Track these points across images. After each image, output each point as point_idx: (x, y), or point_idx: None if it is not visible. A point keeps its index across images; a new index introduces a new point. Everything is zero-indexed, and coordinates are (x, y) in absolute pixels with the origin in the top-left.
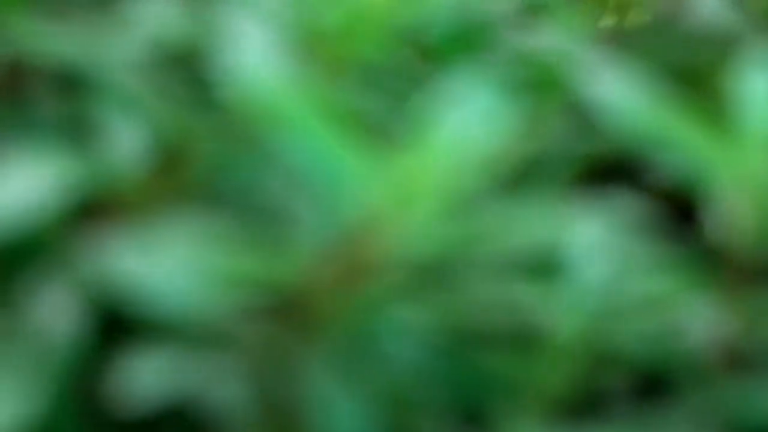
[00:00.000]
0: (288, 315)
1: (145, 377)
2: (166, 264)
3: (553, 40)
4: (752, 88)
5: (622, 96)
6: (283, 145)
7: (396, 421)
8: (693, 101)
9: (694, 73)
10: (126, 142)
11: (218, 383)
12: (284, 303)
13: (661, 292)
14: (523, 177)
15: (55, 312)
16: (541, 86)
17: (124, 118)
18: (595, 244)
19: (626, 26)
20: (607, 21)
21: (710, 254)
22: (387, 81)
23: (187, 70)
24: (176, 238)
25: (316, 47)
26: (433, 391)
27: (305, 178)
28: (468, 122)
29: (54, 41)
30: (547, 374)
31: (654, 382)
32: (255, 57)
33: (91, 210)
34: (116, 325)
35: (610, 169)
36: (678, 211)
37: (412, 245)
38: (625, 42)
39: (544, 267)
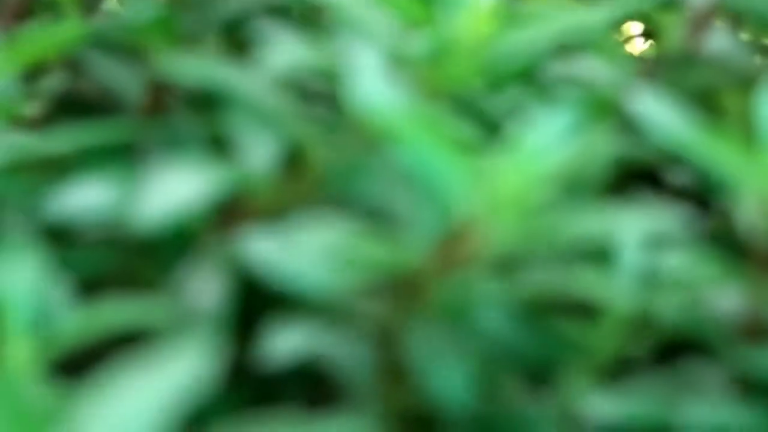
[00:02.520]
0: (402, 293)
1: (284, 342)
2: (303, 251)
3: (600, 68)
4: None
5: (663, 115)
6: (399, 157)
7: (485, 378)
8: (716, 119)
9: (712, 96)
10: (260, 153)
11: (343, 347)
12: (400, 283)
13: (696, 274)
14: (584, 181)
15: (206, 290)
16: (597, 107)
17: (259, 133)
18: (639, 235)
19: (657, 56)
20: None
21: (736, 246)
22: (478, 103)
23: (314, 94)
24: (309, 230)
25: (418, 73)
26: (515, 353)
27: (417, 185)
28: (545, 139)
29: (196, 67)
30: (604, 338)
31: (688, 347)
32: (372, 83)
33: (231, 210)
34: (257, 301)
35: (647, 173)
36: (703, 210)
37: (500, 239)
38: (657, 70)
39: (600, 254)
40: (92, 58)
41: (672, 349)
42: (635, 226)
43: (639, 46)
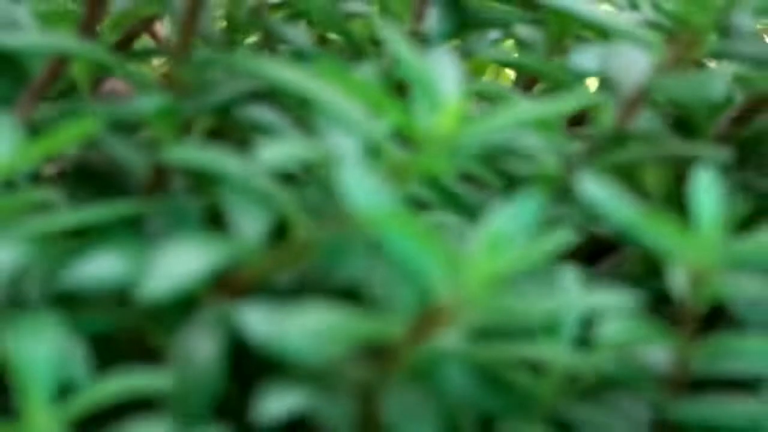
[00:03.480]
0: (381, 359)
1: (279, 401)
2: (297, 326)
3: (546, 145)
4: (703, 194)
5: (607, 197)
6: (383, 243)
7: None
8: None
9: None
10: (254, 230)
11: (329, 405)
12: (379, 351)
13: (634, 335)
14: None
15: (202, 349)
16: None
17: (253, 211)
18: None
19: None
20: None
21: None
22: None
23: (305, 184)
24: (301, 306)
25: (397, 165)
26: (475, 404)
27: (397, 268)
28: (512, 227)
29: (196, 153)
30: (548, 388)
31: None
32: (356, 177)
33: (227, 277)
34: (250, 363)
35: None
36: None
37: (468, 317)
38: (593, 148)
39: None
40: (105, 136)
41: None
42: (581, 302)
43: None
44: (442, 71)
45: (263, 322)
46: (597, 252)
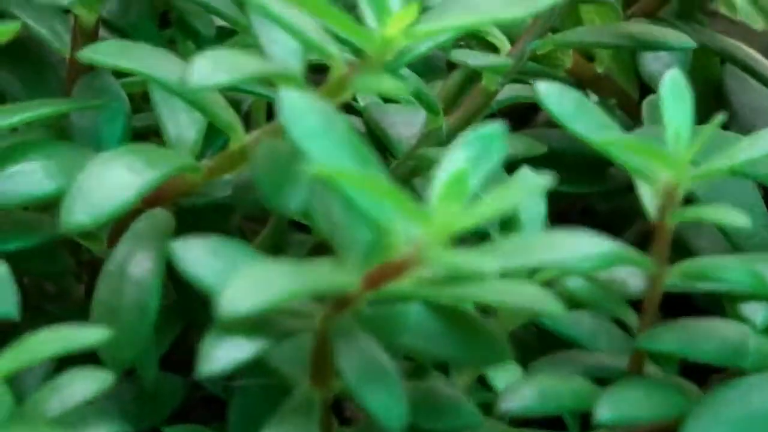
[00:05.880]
0: (342, 301)
1: (225, 352)
2: (242, 282)
3: None
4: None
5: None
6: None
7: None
8: None
9: None
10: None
11: (278, 351)
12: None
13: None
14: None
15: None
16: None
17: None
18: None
19: None
20: None
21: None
22: None
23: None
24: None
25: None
26: (434, 344)
27: (350, 212)
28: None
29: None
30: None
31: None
32: (300, 106)
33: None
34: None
35: None
36: None
37: (431, 269)
38: None
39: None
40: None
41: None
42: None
43: None
44: None
45: (205, 266)
46: None
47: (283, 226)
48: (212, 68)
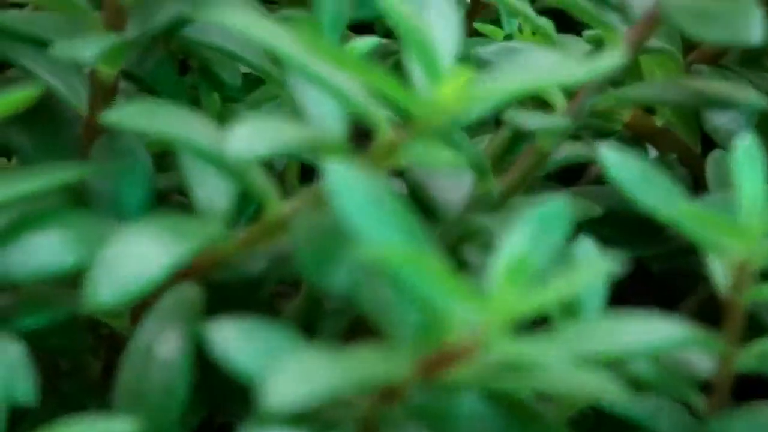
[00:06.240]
0: (391, 389)
1: None
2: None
3: None
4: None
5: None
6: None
7: None
8: None
9: None
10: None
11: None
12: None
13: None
14: None
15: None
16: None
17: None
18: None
19: None
20: None
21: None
22: None
23: None
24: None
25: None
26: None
27: (401, 294)
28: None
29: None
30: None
31: None
32: (349, 182)
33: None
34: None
35: None
36: None
37: (488, 356)
38: None
39: None
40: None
41: None
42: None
43: None
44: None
45: (240, 351)
46: None
47: (316, 293)
48: (252, 138)
